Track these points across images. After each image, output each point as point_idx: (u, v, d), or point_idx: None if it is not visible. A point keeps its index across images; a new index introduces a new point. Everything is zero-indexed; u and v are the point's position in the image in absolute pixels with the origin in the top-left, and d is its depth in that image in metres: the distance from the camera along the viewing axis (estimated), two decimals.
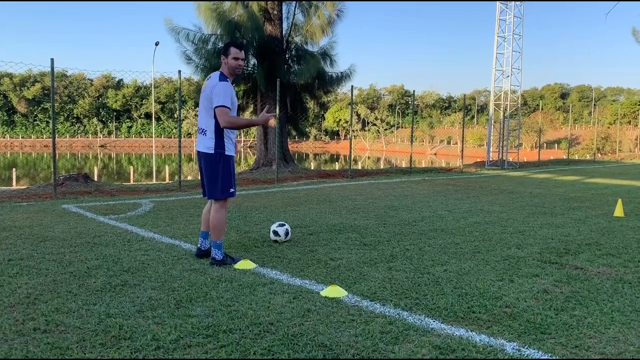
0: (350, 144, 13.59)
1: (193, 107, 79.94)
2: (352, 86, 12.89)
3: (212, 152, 4.36)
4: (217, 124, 4.31)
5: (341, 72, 15.25)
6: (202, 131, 4.39)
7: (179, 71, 10.04)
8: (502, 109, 18.57)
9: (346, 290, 3.75)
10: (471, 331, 3.03)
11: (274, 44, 14.74)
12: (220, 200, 4.47)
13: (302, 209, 7.90)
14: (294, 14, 15.36)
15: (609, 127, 55.41)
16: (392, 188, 11.06)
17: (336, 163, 56.30)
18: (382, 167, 39.32)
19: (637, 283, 4.07)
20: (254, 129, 77.47)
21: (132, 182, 21.48)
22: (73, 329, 2.95)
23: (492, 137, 19.86)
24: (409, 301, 3.55)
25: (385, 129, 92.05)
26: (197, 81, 15.38)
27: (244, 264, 4.41)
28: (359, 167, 44.38)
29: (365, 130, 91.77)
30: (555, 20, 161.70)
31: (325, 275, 4.15)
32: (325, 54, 14.91)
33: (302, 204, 8.44)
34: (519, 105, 18.75)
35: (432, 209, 8.04)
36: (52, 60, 8.25)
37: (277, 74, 13.35)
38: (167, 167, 32.91)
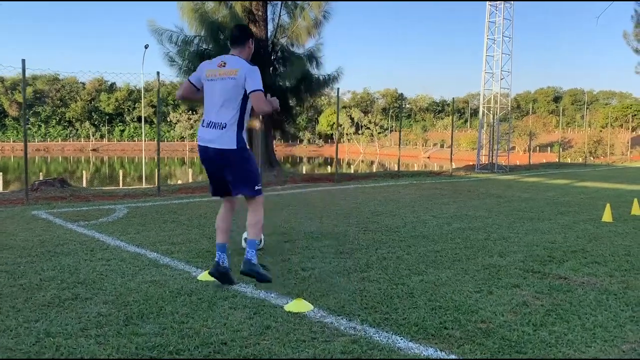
0: (337, 147, 13.37)
1: (186, 111, 79.63)
2: (337, 88, 12.68)
3: (235, 147, 3.80)
4: (241, 116, 3.80)
5: (328, 75, 15.04)
6: (220, 125, 3.78)
7: (157, 72, 9.79)
8: (492, 112, 18.41)
9: (312, 303, 3.51)
10: (441, 351, 2.79)
11: (259, 46, 14.46)
12: (258, 196, 4.00)
13: (282, 214, 7.65)
14: (279, 15, 15.16)
15: (601, 131, 55.49)
16: (378, 192, 10.83)
17: (329, 167, 56.09)
18: (374, 170, 39.15)
19: (622, 294, 3.85)
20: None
21: (121, 186, 21.17)
22: (3, 351, 2.69)
23: (483, 141, 19.71)
24: (377, 316, 3.31)
25: (379, 133, 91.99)
26: (179, 82, 15.10)
27: (208, 275, 4.16)
28: (352, 171, 44.20)
29: (359, 134, 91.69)
30: (546, 23, 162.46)
31: (293, 287, 3.91)
32: (311, 56, 14.68)
33: (282, 209, 8.19)
34: (509, 109, 18.60)
35: (416, 214, 7.81)
36: (23, 61, 7.98)
37: (262, 76, 13.03)
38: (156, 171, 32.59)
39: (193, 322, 3.16)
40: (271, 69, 15.03)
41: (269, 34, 15.16)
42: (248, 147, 3.94)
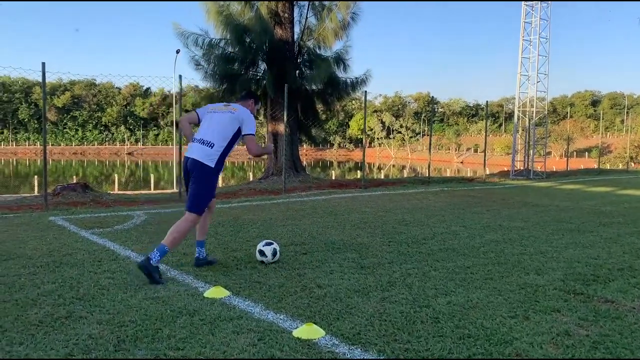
0: (364, 152, 12.98)
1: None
2: (365, 92, 12.27)
3: (212, 165, 4.43)
4: (227, 146, 4.50)
5: (356, 78, 14.62)
6: (209, 144, 4.45)
7: (180, 76, 9.61)
8: (527, 116, 17.67)
9: (325, 328, 3.16)
10: None
11: (285, 49, 14.22)
12: (196, 214, 4.48)
13: (303, 222, 7.32)
14: (306, 17, 14.83)
15: None
16: (406, 199, 10.39)
17: (359, 171, 55.59)
18: (405, 175, 38.45)
19: None
20: (264, 136, 77.67)
21: (152, 190, 21.22)
22: None
23: (517, 146, 18.97)
24: (397, 346, 2.93)
25: (411, 137, 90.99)
26: (206, 88, 14.95)
27: (216, 292, 3.85)
28: (382, 176, 43.59)
29: (390, 138, 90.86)
30: (584, 25, 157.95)
31: (306, 308, 3.56)
32: (338, 59, 14.30)
33: (304, 217, 7.86)
34: (546, 112, 17.84)
35: (446, 224, 7.36)
36: (43, 64, 7.90)
37: (287, 79, 12.84)
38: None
39: (190, 348, 2.85)
40: (297, 72, 14.74)
41: (295, 36, 14.91)
42: (220, 172, 4.61)
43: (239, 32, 13.29)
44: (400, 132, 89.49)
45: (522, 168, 17.88)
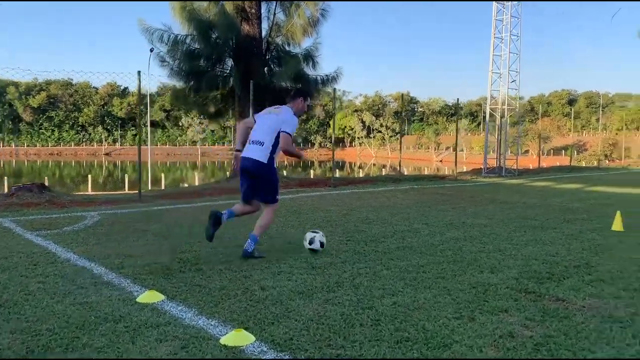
0: (333, 150, 12.82)
1: (198, 115, 79.43)
2: (334, 89, 12.12)
3: (266, 161, 4.93)
4: (276, 142, 4.94)
5: (326, 75, 14.42)
6: (260, 143, 4.96)
7: (139, 72, 9.29)
8: (499, 113, 17.70)
9: (256, 334, 2.97)
10: None
11: (252, 45, 13.96)
12: (275, 204, 5.19)
13: None
14: (274, 13, 14.58)
15: (616, 134, 54.25)
16: (374, 198, 10.25)
17: (339, 171, 55.59)
18: (384, 174, 38.41)
19: (629, 322, 3.24)
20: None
21: (126, 190, 20.78)
22: None
23: (492, 144, 19.00)
24: (329, 351, 2.75)
25: (391, 136, 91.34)
26: (173, 85, 14.57)
27: (149, 296, 3.63)
28: (362, 175, 43.53)
29: (371, 138, 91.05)
30: (559, 24, 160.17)
31: (242, 312, 3.36)
32: (308, 56, 14.08)
33: None
34: (517, 109, 17.90)
35: (409, 222, 7.22)
36: None
37: (255, 76, 12.61)
38: (163, 175, 32.38)
39: (104, 358, 2.63)
40: (266, 69, 14.49)
41: (263, 32, 14.65)
42: (275, 166, 5.07)
43: (203, 28, 13.01)
44: (380, 132, 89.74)
45: (494, 166, 17.90)
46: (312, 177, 31.49)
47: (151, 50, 30.05)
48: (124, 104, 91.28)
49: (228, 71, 14.16)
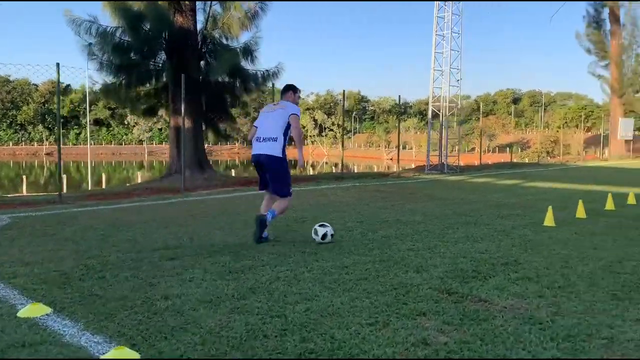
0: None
1: (162, 115, 76.66)
2: (272, 84, 11.78)
3: (280, 155, 5.33)
4: (285, 135, 5.34)
5: (267, 70, 14.03)
6: (272, 139, 5.32)
7: (57, 64, 8.66)
8: (441, 111, 17.85)
9: (142, 351, 2.63)
10: None
11: (186, 38, 13.41)
12: (287, 197, 5.56)
13: (190, 224, 6.73)
14: (210, 5, 14.08)
15: (557, 131, 56.39)
16: (313, 196, 9.99)
17: (292, 169, 55.02)
18: (334, 172, 38.21)
19: (549, 324, 3.08)
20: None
21: (65, 191, 19.68)
22: None
23: (437, 141, 19.14)
24: None
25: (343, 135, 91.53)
26: (104, 81, 13.83)
27: (32, 310, 3.22)
28: (316, 173, 43.29)
29: (323, 136, 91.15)
30: (504, 26, 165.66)
31: (134, 326, 3.00)
32: (246, 50, 13.69)
33: (194, 217, 7.26)
34: (459, 106, 18.10)
35: (344, 220, 7.00)
36: None
37: (189, 70, 12.11)
38: (104, 175, 31.14)
39: None
40: (203, 63, 13.98)
41: (199, 25, 14.13)
42: (286, 160, 5.46)
43: (133, 20, 12.36)
44: (332, 130, 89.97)
45: (437, 163, 18.05)
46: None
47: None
48: (66, 101, 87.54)
49: (161, 65, 13.57)
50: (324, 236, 5.42)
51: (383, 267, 4.42)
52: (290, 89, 5.77)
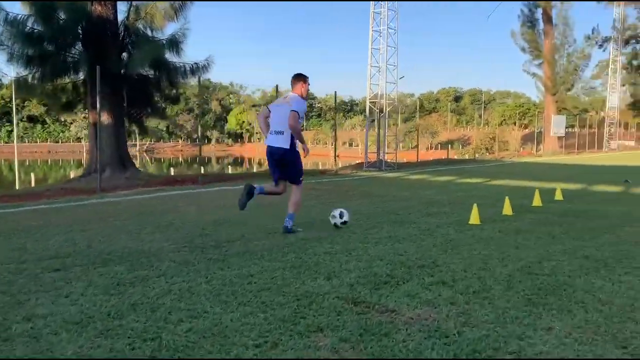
0: (200, 145, 11.89)
1: (82, 110, 73.57)
2: (199, 77, 11.20)
3: (288, 147, 5.68)
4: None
5: (195, 63, 13.39)
6: (280, 132, 5.69)
7: None
8: (378, 107, 17.76)
9: None
10: None
11: (105, 28, 12.61)
12: (299, 185, 5.92)
13: (94, 228, 6.15)
14: None
15: (496, 128, 58.20)
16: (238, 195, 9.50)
17: (238, 167, 54.45)
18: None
19: (454, 337, 2.81)
20: (86, 130, 72.98)
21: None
22: None
23: (375, 138, 19.04)
24: None
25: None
26: (18, 76, 12.72)
27: None
28: (259, 170, 42.49)
29: None
30: (445, 27, 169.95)
31: None
32: (172, 42, 13.01)
33: (102, 220, 6.67)
34: (396, 103, 18.08)
35: (263, 222, 6.59)
36: None
37: (108, 62, 11.35)
38: (31, 174, 29.36)
39: None
40: (125, 55, 13.19)
41: (121, 15, 13.32)
42: (297, 150, 5.83)
43: (45, 8, 11.45)
44: None
45: (375, 160, 17.96)
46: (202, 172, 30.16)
47: None
48: None
49: (78, 57, 12.66)
50: (341, 215, 6.05)
51: (292, 274, 4.06)
52: (301, 80, 5.92)
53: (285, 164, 5.81)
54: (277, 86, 14.95)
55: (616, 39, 42.63)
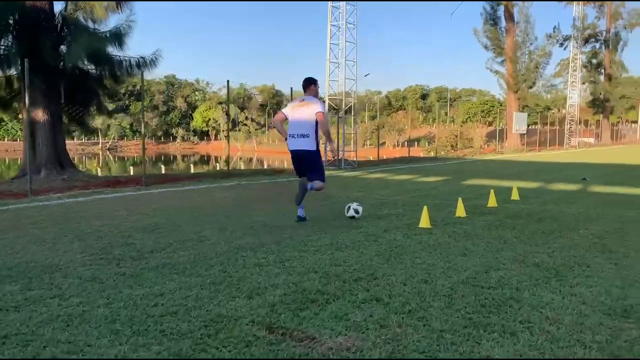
0: (143, 143, 11.25)
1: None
2: (142, 72, 10.54)
3: (315, 149, 6.26)
4: (315, 131, 6.21)
5: (142, 57, 12.68)
6: (305, 135, 6.19)
7: None
8: (337, 104, 17.37)
9: None
10: None
11: (40, 19, 11.77)
12: (322, 182, 6.35)
13: (8, 237, 5.52)
14: None
15: (461, 125, 58.76)
16: (186, 197, 8.96)
17: (205, 165, 53.40)
18: (253, 167, 36.91)
19: None
20: (19, 127, 70.57)
21: None
22: None
23: (348, 135, 18.64)
24: None
25: (257, 129, 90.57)
26: None
27: None
28: (230, 169, 41.67)
29: (236, 131, 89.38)
30: (411, 23, 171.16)
31: None
32: (115, 35, 12.25)
33: (18, 228, 6.03)
34: (354, 101, 17.74)
35: (201, 226, 6.06)
36: None
37: (43, 55, 10.58)
38: None
39: None
40: (62, 47, 12.36)
41: (59, 6, 12.47)
42: (320, 150, 6.44)
43: None
44: (245, 125, 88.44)
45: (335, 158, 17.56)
46: (162, 171, 29.31)
47: None
48: None
49: (9, 49, 11.79)
50: (353, 210, 6.59)
51: (210, 293, 3.58)
52: (312, 83, 6.52)
53: (311, 164, 6.29)
54: (228, 82, 14.37)
55: (576, 38, 43.42)
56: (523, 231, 5.83)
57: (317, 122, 6.15)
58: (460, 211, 6.91)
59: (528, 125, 39.29)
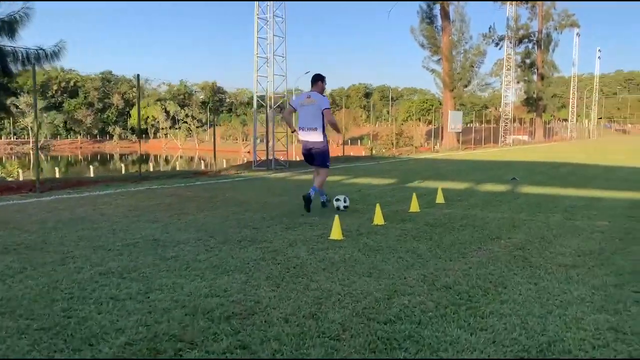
0: (37, 144, 10.00)
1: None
2: (33, 65, 9.38)
3: (323, 140, 7.15)
4: (323, 124, 7.06)
5: (41, 49, 11.41)
6: (314, 128, 7.07)
7: None
8: (266, 102, 16.62)
9: None
10: None
11: None
12: (326, 169, 7.29)
13: None
14: None
15: (402, 124, 59.23)
16: (76, 207, 7.88)
17: (144, 165, 50.95)
18: (195, 167, 35.44)
19: None
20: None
21: None
22: None
23: (264, 135, 17.89)
24: None
25: (198, 127, 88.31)
26: None
27: None
28: (169, 168, 39.97)
29: (176, 129, 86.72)
30: (349, 23, 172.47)
31: None
32: (8, 24, 10.96)
33: None
34: (285, 96, 17.03)
35: (67, 247, 5.11)
36: None
37: None
38: None
39: None
40: None
41: None
42: (328, 142, 7.39)
43: None
44: (186, 122, 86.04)
45: (264, 158, 16.80)
46: (91, 174, 27.54)
47: None
48: None
49: None
50: (345, 200, 7.20)
51: (28, 343, 2.74)
52: (319, 79, 7.25)
53: (319, 153, 7.15)
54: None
55: (510, 38, 44.50)
56: (440, 242, 5.27)
57: (323, 119, 6.98)
58: (379, 218, 6.31)
59: (465, 124, 39.84)
